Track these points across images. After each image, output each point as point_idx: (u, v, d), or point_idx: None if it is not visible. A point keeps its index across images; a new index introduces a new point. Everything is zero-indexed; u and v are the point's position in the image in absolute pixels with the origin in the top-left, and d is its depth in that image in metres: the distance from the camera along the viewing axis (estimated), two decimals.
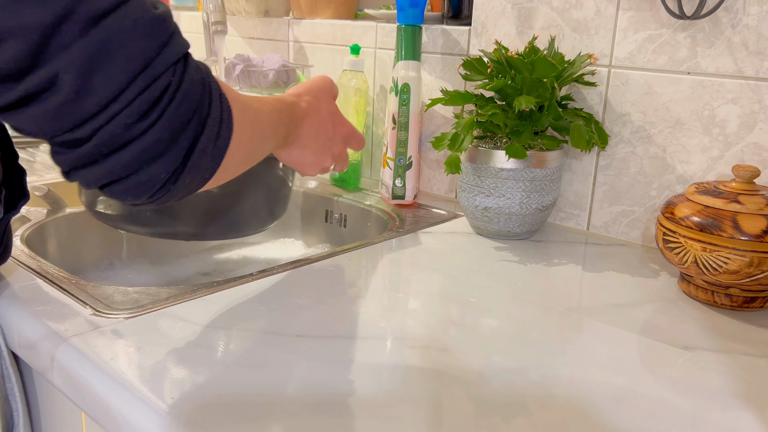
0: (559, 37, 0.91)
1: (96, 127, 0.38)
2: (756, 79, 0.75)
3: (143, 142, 0.40)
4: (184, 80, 0.41)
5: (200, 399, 0.48)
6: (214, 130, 0.44)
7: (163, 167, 0.42)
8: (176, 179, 0.43)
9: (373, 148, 1.20)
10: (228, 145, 0.46)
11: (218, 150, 0.45)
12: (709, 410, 0.50)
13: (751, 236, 0.63)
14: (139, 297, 0.65)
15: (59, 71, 0.36)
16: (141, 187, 0.42)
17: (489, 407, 0.49)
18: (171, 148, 0.41)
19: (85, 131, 0.39)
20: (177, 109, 0.41)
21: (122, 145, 0.40)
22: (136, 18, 0.39)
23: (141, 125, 0.39)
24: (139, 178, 0.42)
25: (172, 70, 0.41)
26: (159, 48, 0.40)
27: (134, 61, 0.38)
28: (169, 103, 0.40)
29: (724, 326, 0.64)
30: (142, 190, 0.43)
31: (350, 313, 0.64)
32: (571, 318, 0.65)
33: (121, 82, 0.38)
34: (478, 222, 0.88)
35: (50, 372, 0.56)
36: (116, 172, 0.41)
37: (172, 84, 0.40)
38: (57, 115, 0.37)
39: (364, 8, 1.28)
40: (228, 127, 0.46)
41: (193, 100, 0.42)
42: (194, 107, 0.42)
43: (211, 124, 0.44)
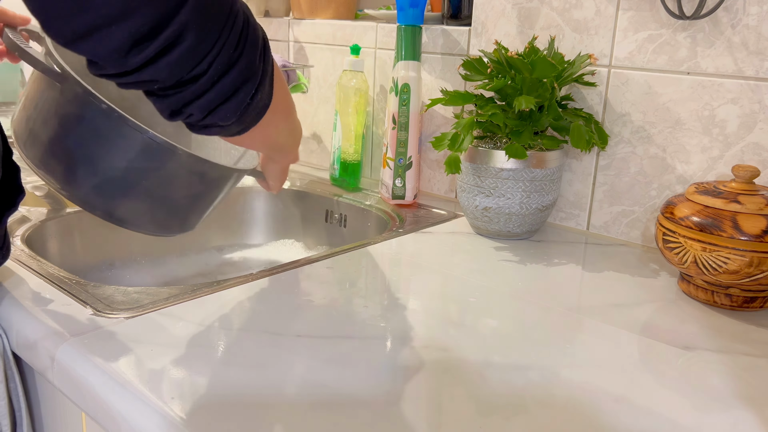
0: (559, 37, 0.91)
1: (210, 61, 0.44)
2: (756, 79, 0.75)
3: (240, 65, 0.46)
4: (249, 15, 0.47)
5: (200, 399, 0.48)
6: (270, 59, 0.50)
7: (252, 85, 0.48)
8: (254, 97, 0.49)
9: (373, 148, 1.20)
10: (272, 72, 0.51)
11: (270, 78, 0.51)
12: (709, 410, 0.50)
13: (750, 236, 0.63)
14: (139, 297, 0.65)
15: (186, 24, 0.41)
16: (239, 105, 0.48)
17: (489, 407, 0.49)
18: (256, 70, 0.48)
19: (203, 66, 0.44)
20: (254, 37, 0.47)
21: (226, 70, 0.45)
22: None
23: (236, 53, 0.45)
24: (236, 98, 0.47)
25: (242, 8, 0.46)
26: None
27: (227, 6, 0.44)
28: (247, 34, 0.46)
29: (724, 326, 0.64)
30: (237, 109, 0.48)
31: (350, 313, 0.64)
32: (571, 318, 0.65)
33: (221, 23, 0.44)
34: (478, 222, 0.88)
35: (50, 372, 0.56)
36: (225, 92, 0.46)
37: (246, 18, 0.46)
38: (186, 59, 0.43)
39: (364, 8, 1.28)
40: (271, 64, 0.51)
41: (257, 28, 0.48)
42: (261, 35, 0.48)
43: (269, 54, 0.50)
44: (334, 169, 1.14)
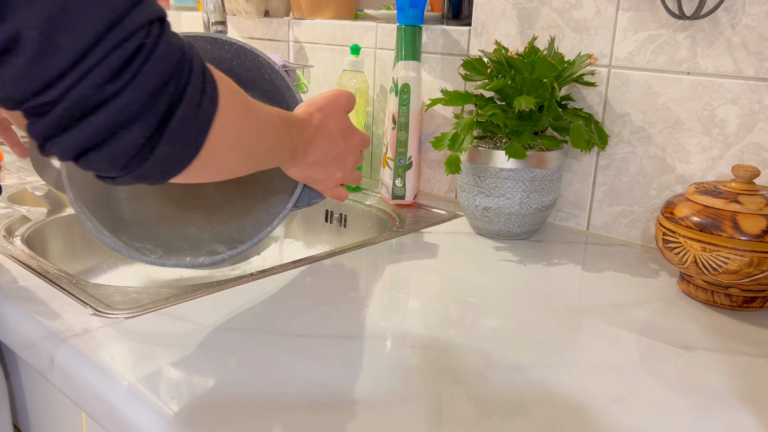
0: (559, 37, 0.91)
1: (66, 87, 0.37)
2: (756, 79, 0.75)
3: (117, 104, 0.38)
4: (161, 42, 0.40)
5: (200, 399, 0.48)
6: (195, 99, 0.42)
7: (139, 131, 0.40)
8: (153, 147, 0.41)
9: (373, 148, 1.20)
10: (212, 119, 0.44)
11: (201, 123, 0.43)
12: (709, 410, 0.50)
13: (750, 236, 0.63)
14: (139, 297, 0.65)
15: (21, 28, 0.35)
16: (117, 154, 0.40)
17: (489, 407, 0.49)
18: (146, 111, 0.39)
19: (55, 93, 0.37)
20: (152, 70, 0.39)
21: (95, 107, 0.38)
22: None
23: (113, 86, 0.38)
24: (114, 143, 0.40)
25: (146, 30, 0.39)
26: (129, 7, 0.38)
27: (102, 17, 0.37)
28: (143, 63, 0.38)
29: (724, 326, 0.64)
30: (118, 158, 0.41)
31: (350, 313, 0.64)
32: (571, 318, 0.65)
33: (88, 38, 0.36)
34: (478, 222, 0.88)
35: (50, 372, 0.56)
36: (91, 137, 0.39)
37: (146, 45, 0.39)
38: (24, 76, 0.36)
39: (364, 8, 1.28)
40: (211, 101, 0.44)
41: (171, 62, 0.40)
42: (171, 70, 0.40)
43: (191, 92, 0.42)
44: None
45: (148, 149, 0.41)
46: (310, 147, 0.66)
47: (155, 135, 0.41)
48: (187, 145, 0.43)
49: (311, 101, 0.69)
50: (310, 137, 0.65)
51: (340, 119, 0.70)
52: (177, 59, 0.41)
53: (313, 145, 0.66)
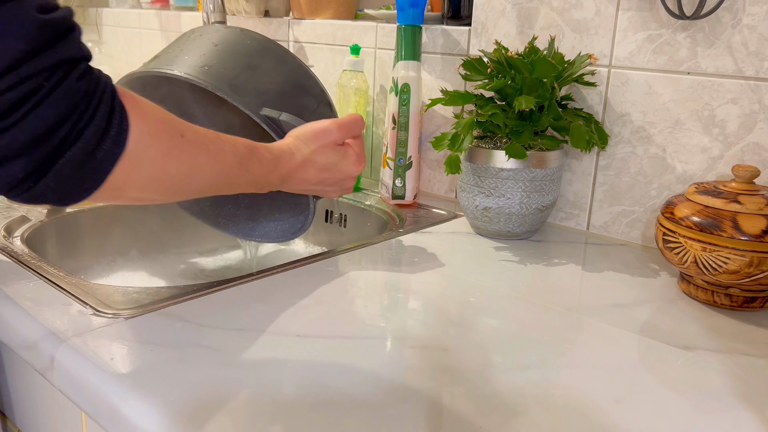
0: (559, 37, 0.91)
1: None
2: (756, 79, 0.75)
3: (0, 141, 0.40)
4: (60, 87, 0.41)
5: (200, 399, 0.48)
6: (92, 143, 0.43)
7: (20, 167, 0.41)
8: (37, 180, 0.43)
9: (373, 148, 1.20)
10: (115, 161, 0.45)
11: (98, 164, 0.45)
12: (709, 410, 0.50)
13: (751, 236, 0.63)
14: (139, 297, 0.65)
15: None
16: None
17: (489, 407, 0.49)
18: (29, 151, 0.41)
19: None
20: (42, 115, 0.40)
21: None
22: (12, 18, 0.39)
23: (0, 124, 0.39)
24: None
25: (47, 74, 0.40)
26: (34, 51, 0.39)
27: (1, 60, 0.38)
28: (34, 106, 0.40)
29: (724, 326, 0.64)
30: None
31: (350, 313, 0.64)
32: (571, 318, 0.65)
33: None
34: (478, 222, 0.88)
35: (50, 372, 0.56)
36: None
37: (44, 88, 0.40)
38: None
39: (364, 8, 1.28)
40: (115, 143, 0.45)
41: (66, 107, 0.41)
42: (66, 114, 0.41)
43: (88, 135, 0.43)
44: None
45: (32, 180, 0.43)
46: (289, 181, 0.68)
47: (39, 170, 0.42)
48: (81, 182, 0.45)
49: (304, 131, 0.70)
50: (288, 171, 0.67)
51: (329, 153, 0.70)
52: (76, 104, 0.42)
53: (293, 179, 0.68)
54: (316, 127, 0.70)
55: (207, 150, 0.55)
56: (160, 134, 0.49)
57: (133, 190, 0.49)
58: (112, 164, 0.45)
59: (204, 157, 0.55)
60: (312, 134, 0.70)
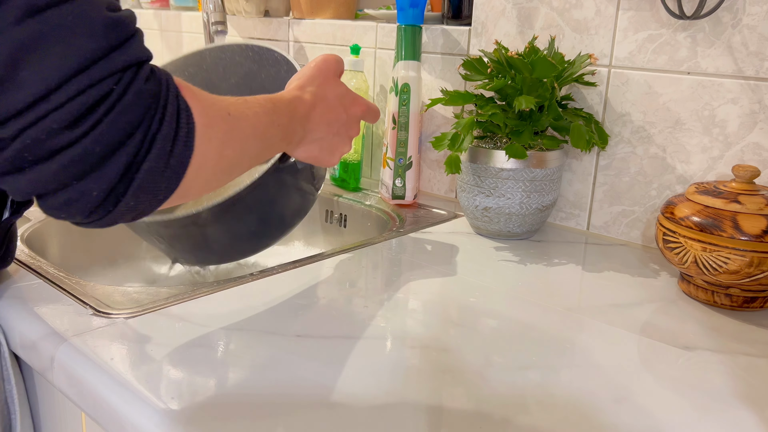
0: (559, 37, 0.91)
1: (20, 127, 0.35)
2: (756, 79, 0.75)
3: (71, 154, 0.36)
4: (130, 90, 0.38)
5: (200, 399, 0.48)
6: (166, 149, 0.40)
7: (95, 184, 0.38)
8: (117, 201, 0.39)
9: (373, 148, 1.20)
10: (187, 164, 0.42)
11: (172, 171, 0.41)
12: (709, 410, 0.50)
13: (751, 236, 0.63)
14: (139, 297, 0.65)
15: None
16: (72, 205, 0.38)
17: (489, 407, 0.49)
18: (104, 164, 0.38)
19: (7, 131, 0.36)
20: (115, 121, 0.37)
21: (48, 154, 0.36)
22: (83, 16, 0.36)
23: (70, 134, 0.36)
24: (68, 194, 0.38)
25: (117, 77, 0.38)
26: (104, 51, 0.37)
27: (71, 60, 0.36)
28: (106, 112, 0.37)
29: (724, 326, 0.64)
30: (75, 209, 0.39)
31: (350, 313, 0.64)
32: (571, 318, 0.65)
33: (52, 79, 0.35)
34: (478, 222, 0.88)
35: (50, 372, 0.56)
36: (42, 184, 0.37)
37: (114, 92, 0.37)
38: None
39: (364, 8, 1.28)
40: (186, 146, 0.42)
41: (138, 113, 0.38)
42: (138, 121, 0.38)
43: (161, 141, 0.40)
44: (334, 169, 1.14)
45: (111, 202, 0.39)
46: (308, 124, 0.62)
47: (118, 188, 0.39)
48: (158, 192, 0.41)
49: (300, 74, 0.64)
50: (304, 114, 0.61)
51: (335, 86, 0.65)
52: (146, 107, 0.39)
53: (312, 121, 0.62)
54: (314, 62, 0.65)
55: (248, 119, 0.51)
56: (216, 122, 0.45)
57: (196, 189, 0.45)
58: (185, 168, 0.42)
59: (248, 127, 0.51)
60: (311, 68, 0.65)
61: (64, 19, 0.36)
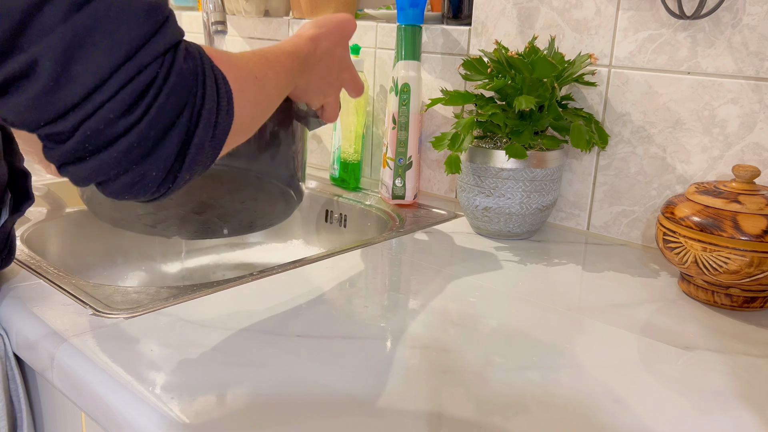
0: (559, 37, 0.91)
1: (78, 120, 0.37)
2: (756, 79, 0.75)
3: (129, 140, 0.38)
4: (173, 72, 0.39)
5: (200, 399, 0.48)
6: (211, 121, 0.42)
7: (154, 166, 0.40)
8: (175, 177, 0.42)
9: (373, 148, 1.20)
10: (228, 130, 0.44)
11: (217, 140, 0.43)
12: (710, 410, 0.50)
13: (751, 236, 0.63)
14: (139, 297, 0.65)
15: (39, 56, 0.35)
16: (135, 186, 0.41)
17: (489, 407, 0.49)
18: (160, 145, 0.39)
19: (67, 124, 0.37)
20: (164, 104, 0.39)
21: (107, 142, 0.38)
22: (124, 5, 0.37)
23: (125, 121, 0.38)
24: (130, 177, 0.40)
25: (160, 61, 0.39)
26: (146, 37, 0.38)
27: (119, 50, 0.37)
28: (155, 97, 0.38)
29: (724, 326, 0.64)
30: (138, 190, 0.41)
31: (350, 313, 0.64)
32: (571, 318, 0.65)
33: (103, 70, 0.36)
34: (478, 222, 0.88)
35: (50, 372, 0.56)
36: (104, 171, 0.39)
37: (159, 76, 0.38)
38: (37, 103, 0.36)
39: (364, 8, 1.28)
40: (227, 114, 0.44)
41: (183, 93, 0.40)
42: (184, 100, 0.40)
43: (206, 115, 0.41)
44: (334, 169, 1.14)
45: (170, 179, 0.42)
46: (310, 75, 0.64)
47: (175, 166, 0.41)
48: (206, 162, 0.44)
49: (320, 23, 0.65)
50: (311, 66, 0.63)
51: (343, 48, 0.68)
52: (190, 86, 0.40)
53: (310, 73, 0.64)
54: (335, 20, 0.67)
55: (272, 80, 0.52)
56: (247, 86, 0.47)
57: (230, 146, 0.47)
58: (227, 135, 0.44)
59: (273, 88, 0.52)
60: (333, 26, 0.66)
61: (108, 11, 0.37)
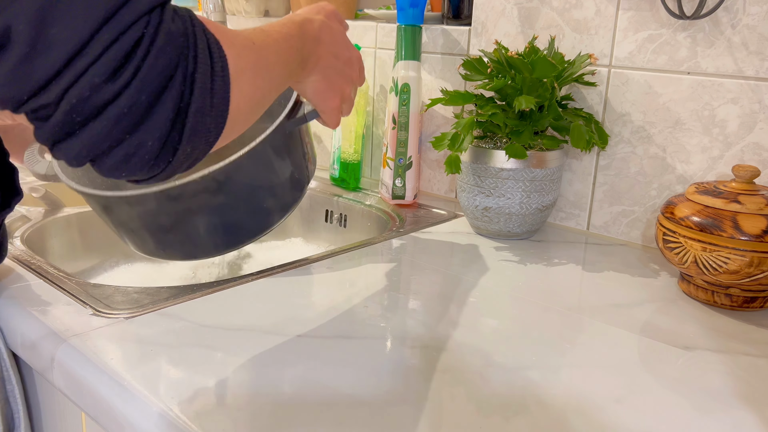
0: (559, 37, 0.91)
1: (62, 88, 0.35)
2: (756, 79, 0.75)
3: (118, 106, 0.36)
4: (160, 31, 0.37)
5: (200, 399, 0.48)
6: (207, 86, 0.39)
7: (149, 134, 0.37)
8: (175, 149, 0.39)
9: (373, 148, 1.20)
10: (228, 98, 0.41)
11: (218, 108, 0.41)
12: (709, 410, 0.50)
13: (751, 236, 0.63)
14: (139, 297, 0.65)
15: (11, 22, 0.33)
16: (131, 160, 0.38)
17: (489, 407, 0.49)
18: (154, 110, 0.37)
19: (51, 95, 0.35)
20: (154, 65, 0.36)
21: (96, 111, 0.36)
22: None
23: (112, 86, 0.35)
24: (124, 150, 0.37)
25: (146, 20, 0.36)
26: None
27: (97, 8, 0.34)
28: (143, 57, 0.36)
29: (724, 326, 0.64)
30: (134, 165, 0.38)
31: (350, 313, 0.64)
32: (571, 318, 0.65)
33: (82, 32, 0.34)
34: (478, 222, 0.88)
35: (50, 372, 0.56)
36: (97, 144, 0.37)
37: (145, 36, 0.36)
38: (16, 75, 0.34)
39: (364, 8, 1.28)
40: (224, 80, 0.41)
41: (173, 53, 0.37)
42: (175, 61, 0.37)
43: (200, 79, 0.39)
44: (334, 169, 1.14)
45: (170, 151, 0.39)
46: (318, 47, 0.59)
47: (173, 135, 0.38)
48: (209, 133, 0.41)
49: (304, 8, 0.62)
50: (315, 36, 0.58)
51: (339, 24, 0.63)
52: (179, 46, 0.38)
53: (322, 44, 0.59)
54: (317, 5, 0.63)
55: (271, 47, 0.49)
56: (244, 52, 0.44)
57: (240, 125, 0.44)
58: (227, 103, 0.41)
59: (273, 55, 0.49)
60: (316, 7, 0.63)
61: None
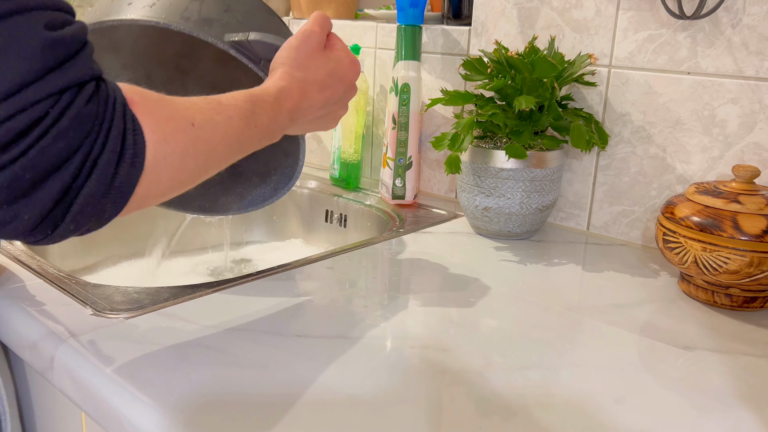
0: (559, 37, 0.91)
1: None
2: (756, 79, 0.75)
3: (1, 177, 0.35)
4: (67, 113, 0.36)
5: (200, 399, 0.48)
6: (108, 172, 0.39)
7: (27, 210, 0.36)
8: (55, 225, 0.38)
9: (373, 148, 1.20)
10: (135, 183, 0.41)
11: (118, 191, 0.40)
12: (710, 410, 0.50)
13: (751, 236, 0.63)
14: (139, 297, 0.65)
15: None
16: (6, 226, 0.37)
17: (489, 407, 0.49)
18: (35, 190, 0.36)
19: None
20: (49, 147, 0.35)
21: None
22: (15, 37, 0.35)
23: None
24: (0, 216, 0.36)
25: (54, 99, 0.36)
26: (38, 73, 0.35)
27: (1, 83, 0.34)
28: (39, 138, 0.35)
29: (724, 326, 0.64)
30: (8, 231, 0.38)
31: (350, 313, 0.64)
32: (571, 318, 0.65)
33: None
34: (478, 222, 0.88)
35: (50, 372, 0.56)
36: None
37: (48, 116, 0.35)
38: None
39: (364, 8, 1.28)
40: (133, 166, 0.40)
41: (76, 137, 0.36)
42: (76, 145, 0.37)
43: (102, 165, 0.38)
44: (334, 169, 1.14)
45: (49, 226, 0.38)
46: (298, 113, 0.59)
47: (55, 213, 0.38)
48: (101, 214, 0.40)
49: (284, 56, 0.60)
50: (293, 107, 0.58)
51: (324, 63, 0.62)
52: (86, 130, 0.37)
53: (302, 109, 0.59)
54: (295, 41, 0.61)
55: (217, 127, 0.48)
56: (174, 135, 0.43)
57: (152, 200, 0.44)
58: (132, 187, 0.41)
59: (217, 136, 0.48)
60: (295, 49, 0.60)
61: None
